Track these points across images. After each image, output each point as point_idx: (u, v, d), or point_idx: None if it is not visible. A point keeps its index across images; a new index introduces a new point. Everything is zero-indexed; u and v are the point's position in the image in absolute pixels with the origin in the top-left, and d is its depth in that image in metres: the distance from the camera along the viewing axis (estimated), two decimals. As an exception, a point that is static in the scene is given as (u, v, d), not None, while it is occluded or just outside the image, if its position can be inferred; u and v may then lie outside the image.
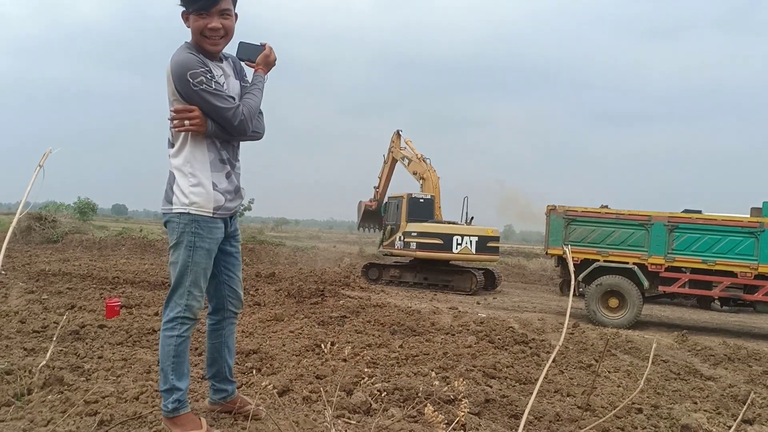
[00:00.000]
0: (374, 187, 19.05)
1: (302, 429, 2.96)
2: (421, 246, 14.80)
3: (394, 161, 18.14)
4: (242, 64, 3.03)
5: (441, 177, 16.84)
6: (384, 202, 17.46)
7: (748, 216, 9.98)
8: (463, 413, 2.15)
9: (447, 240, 14.73)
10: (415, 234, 14.99)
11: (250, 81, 3.00)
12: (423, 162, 17.08)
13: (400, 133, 18.06)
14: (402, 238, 15.43)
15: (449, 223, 15.76)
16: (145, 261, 15.94)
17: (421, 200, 15.98)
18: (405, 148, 17.84)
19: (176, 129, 2.71)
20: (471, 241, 14.88)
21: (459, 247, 14.76)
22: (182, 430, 2.72)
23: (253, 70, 3.00)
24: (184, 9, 2.75)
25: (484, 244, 15.01)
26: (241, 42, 2.97)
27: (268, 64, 2.99)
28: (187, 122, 2.68)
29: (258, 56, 2.96)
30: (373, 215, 18.65)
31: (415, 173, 17.11)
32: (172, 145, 2.83)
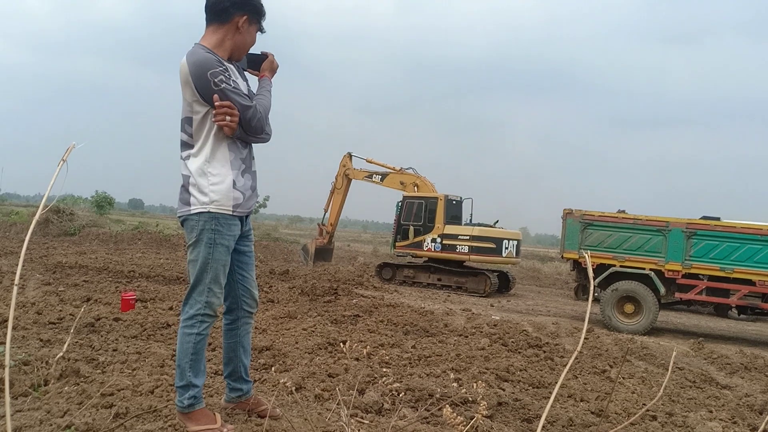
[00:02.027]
0: (319, 224, 18.36)
1: (315, 427, 2.96)
2: (475, 250, 14.60)
3: (349, 185, 17.50)
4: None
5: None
6: (397, 202, 17.01)
7: (768, 224, 9.84)
8: (481, 415, 2.14)
9: (499, 244, 14.80)
10: (467, 237, 14.71)
11: (253, 87, 3.06)
12: (406, 172, 16.57)
13: (352, 154, 17.44)
14: (439, 240, 15.07)
15: (484, 226, 15.52)
16: (161, 255, 16.07)
17: (455, 202, 15.86)
18: (361, 169, 17.29)
19: (216, 122, 2.72)
20: (513, 245, 15.23)
21: (506, 251, 14.92)
22: (197, 425, 2.74)
23: (257, 78, 3.07)
24: (248, 15, 2.82)
25: (519, 247, 15.73)
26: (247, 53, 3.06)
27: (273, 69, 3.10)
28: (228, 118, 2.70)
29: (262, 64, 3.06)
30: (324, 251, 18.08)
31: (402, 183, 16.41)
32: (190, 147, 2.81)
